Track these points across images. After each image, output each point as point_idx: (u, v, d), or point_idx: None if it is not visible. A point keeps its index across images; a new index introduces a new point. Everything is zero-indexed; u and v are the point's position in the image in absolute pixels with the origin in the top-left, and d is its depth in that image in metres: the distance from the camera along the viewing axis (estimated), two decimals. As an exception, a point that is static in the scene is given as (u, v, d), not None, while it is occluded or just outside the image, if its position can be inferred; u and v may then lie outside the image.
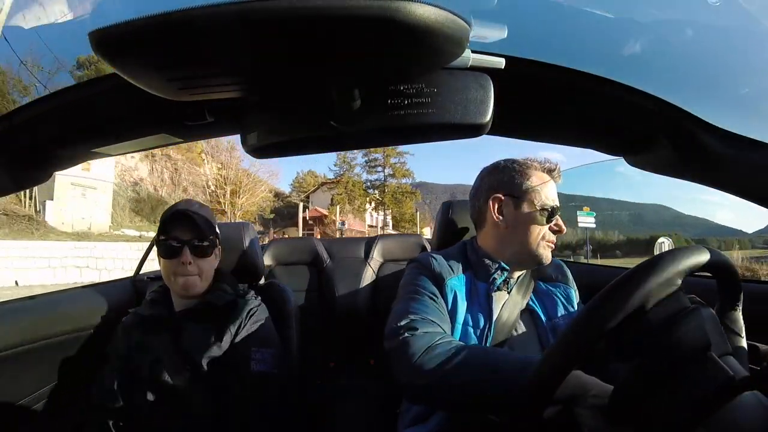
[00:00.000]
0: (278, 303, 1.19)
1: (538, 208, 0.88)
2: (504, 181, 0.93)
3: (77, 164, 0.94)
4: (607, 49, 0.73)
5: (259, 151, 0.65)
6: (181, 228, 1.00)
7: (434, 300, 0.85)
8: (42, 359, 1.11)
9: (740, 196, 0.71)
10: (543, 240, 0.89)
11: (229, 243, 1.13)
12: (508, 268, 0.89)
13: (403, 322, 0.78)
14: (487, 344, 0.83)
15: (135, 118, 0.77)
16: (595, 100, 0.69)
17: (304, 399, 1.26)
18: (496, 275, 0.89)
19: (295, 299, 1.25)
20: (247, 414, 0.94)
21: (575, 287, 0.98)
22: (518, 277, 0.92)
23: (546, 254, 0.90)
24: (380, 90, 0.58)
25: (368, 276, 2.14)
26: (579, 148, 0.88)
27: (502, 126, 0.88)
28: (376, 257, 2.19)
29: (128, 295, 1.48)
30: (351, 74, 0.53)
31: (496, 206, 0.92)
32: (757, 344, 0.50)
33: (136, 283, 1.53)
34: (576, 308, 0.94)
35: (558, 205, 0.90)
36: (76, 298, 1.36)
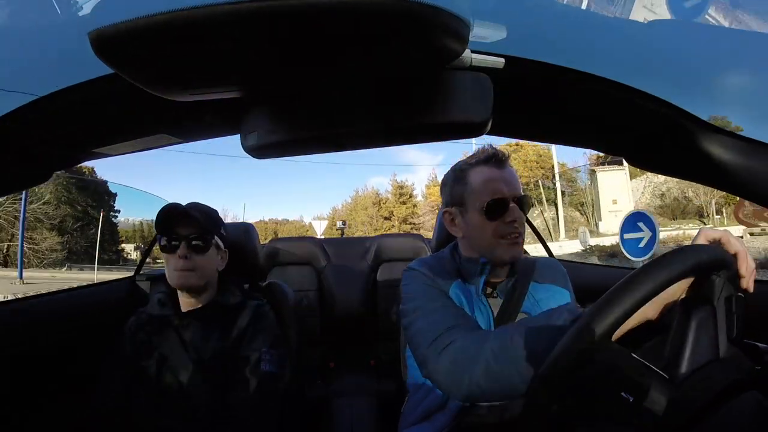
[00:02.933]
0: (278, 303, 1.19)
1: (481, 208, 0.84)
2: (448, 194, 0.91)
3: (77, 164, 0.94)
4: (607, 49, 0.73)
5: (259, 151, 0.65)
6: (178, 224, 1.00)
7: (451, 304, 0.83)
8: (42, 359, 1.11)
9: (740, 196, 0.71)
10: (497, 238, 0.84)
11: (230, 243, 1.13)
12: (488, 261, 0.86)
13: (438, 339, 0.74)
14: None
15: (135, 118, 0.77)
16: (596, 100, 0.69)
17: (303, 399, 1.26)
18: (477, 277, 0.86)
19: (294, 299, 1.25)
20: (254, 414, 0.94)
21: (571, 288, 0.96)
22: (507, 281, 0.90)
23: (506, 252, 0.85)
24: (380, 89, 0.58)
25: (367, 276, 2.14)
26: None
27: (503, 126, 0.88)
28: (375, 257, 2.19)
29: (128, 294, 1.48)
30: (351, 74, 0.53)
31: (448, 222, 0.92)
32: (757, 344, 0.49)
33: (136, 283, 1.53)
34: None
35: (504, 195, 0.83)
36: (76, 298, 1.37)
